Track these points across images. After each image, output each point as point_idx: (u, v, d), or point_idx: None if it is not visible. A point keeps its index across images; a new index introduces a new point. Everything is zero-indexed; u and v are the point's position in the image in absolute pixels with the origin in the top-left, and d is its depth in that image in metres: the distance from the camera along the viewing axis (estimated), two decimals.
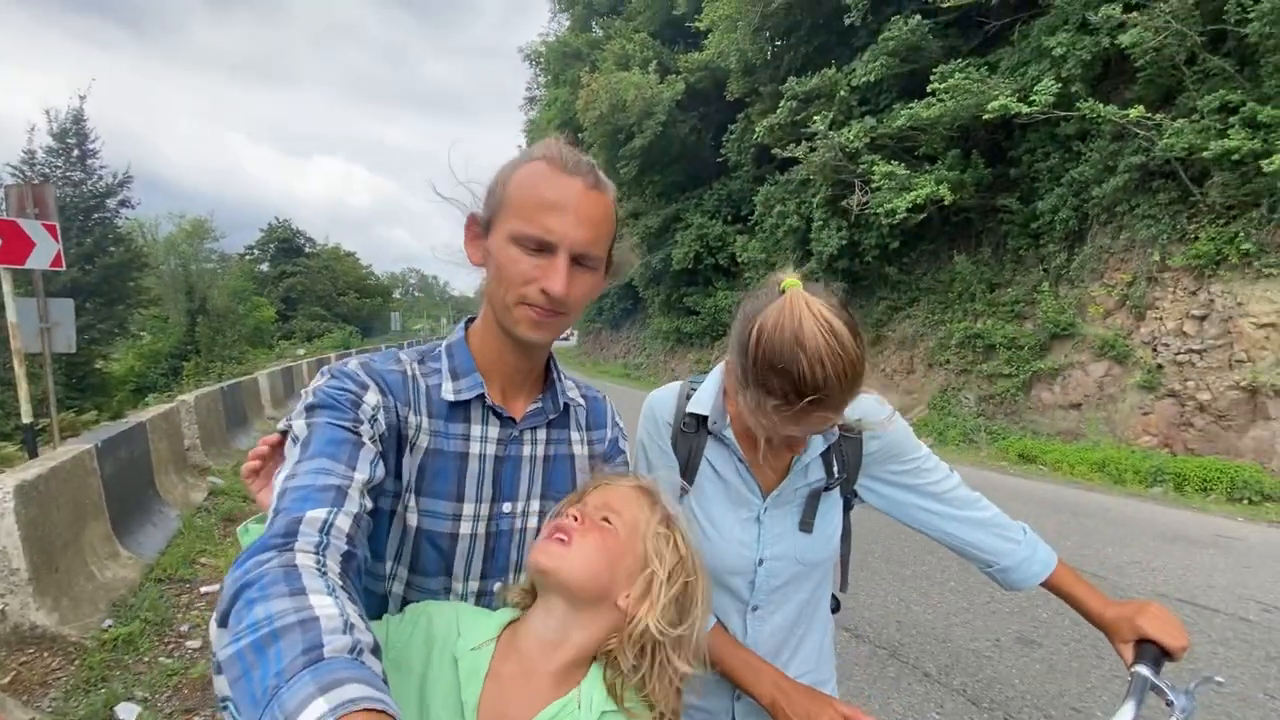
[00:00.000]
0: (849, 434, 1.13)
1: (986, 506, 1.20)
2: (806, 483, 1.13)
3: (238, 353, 24.40)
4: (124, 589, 3.80)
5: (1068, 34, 9.29)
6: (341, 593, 0.58)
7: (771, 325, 0.87)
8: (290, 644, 0.49)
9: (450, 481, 0.89)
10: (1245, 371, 7.66)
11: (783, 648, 1.17)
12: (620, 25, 23.86)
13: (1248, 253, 7.76)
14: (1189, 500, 7.10)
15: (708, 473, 1.14)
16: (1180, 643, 1.02)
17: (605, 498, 0.86)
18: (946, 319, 11.89)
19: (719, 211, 18.88)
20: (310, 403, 0.80)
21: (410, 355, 0.95)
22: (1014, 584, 1.18)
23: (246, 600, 0.54)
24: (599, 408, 1.08)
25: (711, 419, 1.12)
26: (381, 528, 0.86)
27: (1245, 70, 8.03)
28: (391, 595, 0.89)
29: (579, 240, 0.84)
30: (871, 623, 3.82)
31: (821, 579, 1.19)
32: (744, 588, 1.13)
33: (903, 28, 11.19)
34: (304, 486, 0.69)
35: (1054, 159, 10.23)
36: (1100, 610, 1.09)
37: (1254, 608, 4.10)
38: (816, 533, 1.13)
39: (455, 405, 0.91)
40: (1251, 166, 7.43)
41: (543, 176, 0.85)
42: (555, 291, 0.83)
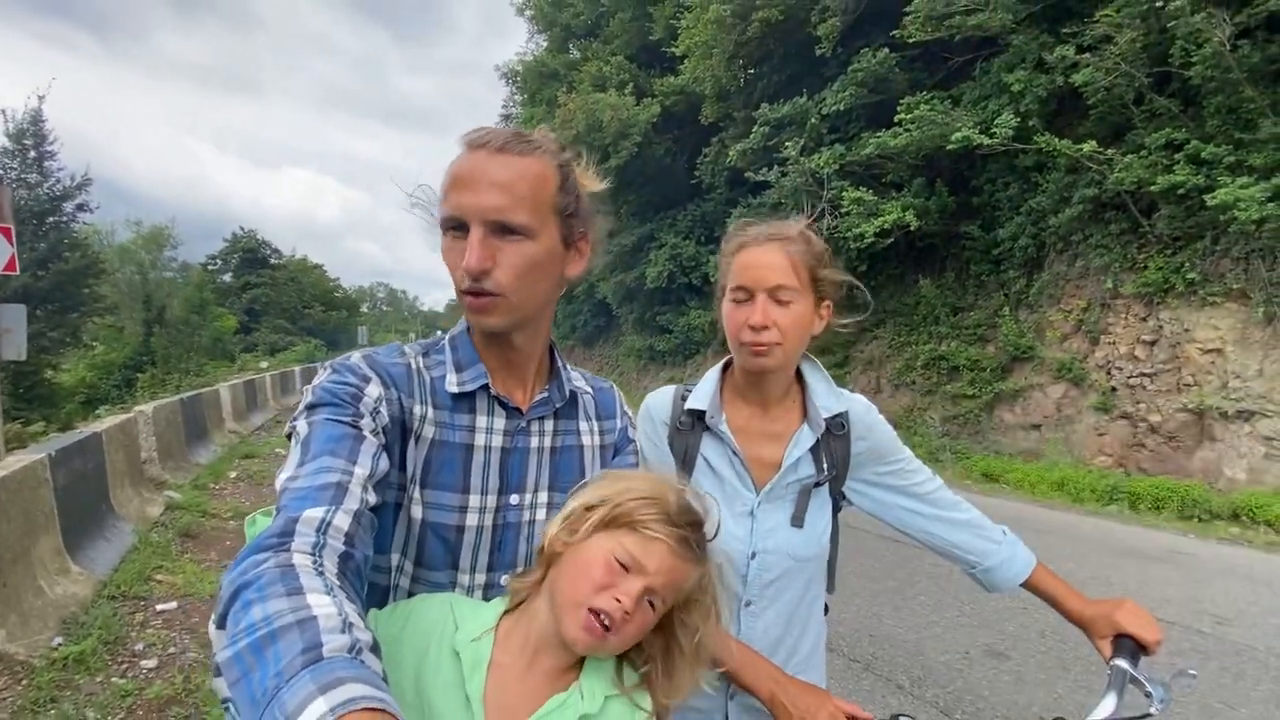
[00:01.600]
0: (836, 433, 1.17)
1: (968, 509, 1.25)
2: (798, 478, 1.17)
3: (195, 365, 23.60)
4: (75, 606, 3.63)
5: (1025, 72, 9.77)
6: (339, 592, 0.58)
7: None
8: (289, 644, 0.49)
9: (456, 473, 0.88)
10: (1192, 395, 8.03)
11: (778, 647, 1.18)
12: (597, 48, 24.18)
13: (1193, 282, 8.19)
14: (1143, 518, 7.38)
15: (703, 468, 1.17)
16: (1155, 636, 1.07)
17: (663, 575, 0.77)
18: (912, 341, 12.21)
19: (693, 232, 19.12)
20: (310, 401, 0.79)
21: (414, 349, 0.94)
22: (996, 584, 1.23)
23: (244, 602, 0.54)
24: (608, 398, 1.07)
25: (709, 414, 1.16)
26: (386, 520, 0.85)
27: (1189, 110, 8.55)
28: (397, 589, 0.88)
29: (488, 207, 0.80)
30: (845, 636, 3.86)
31: (813, 579, 1.21)
32: (737, 582, 1.16)
33: (871, 60, 11.62)
34: (303, 487, 0.68)
35: (1014, 189, 10.69)
36: (1079, 609, 1.15)
37: (1208, 620, 4.26)
38: (807, 528, 1.16)
39: (460, 396, 0.90)
40: (1196, 200, 7.87)
41: (456, 160, 0.84)
42: (469, 266, 0.80)
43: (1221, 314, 8.01)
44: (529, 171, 0.83)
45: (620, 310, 22.74)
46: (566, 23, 27.03)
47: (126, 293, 31.17)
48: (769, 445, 1.18)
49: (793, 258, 1.08)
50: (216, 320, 35.46)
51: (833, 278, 1.15)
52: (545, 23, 28.81)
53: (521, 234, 0.82)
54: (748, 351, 1.10)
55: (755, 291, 1.08)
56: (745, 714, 1.18)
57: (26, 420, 11.75)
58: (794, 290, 1.08)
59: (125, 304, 29.70)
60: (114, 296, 27.19)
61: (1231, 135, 7.83)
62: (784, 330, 1.07)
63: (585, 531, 0.79)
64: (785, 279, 1.07)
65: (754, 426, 1.19)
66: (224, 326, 35.92)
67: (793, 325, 1.08)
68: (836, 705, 0.98)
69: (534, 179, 0.83)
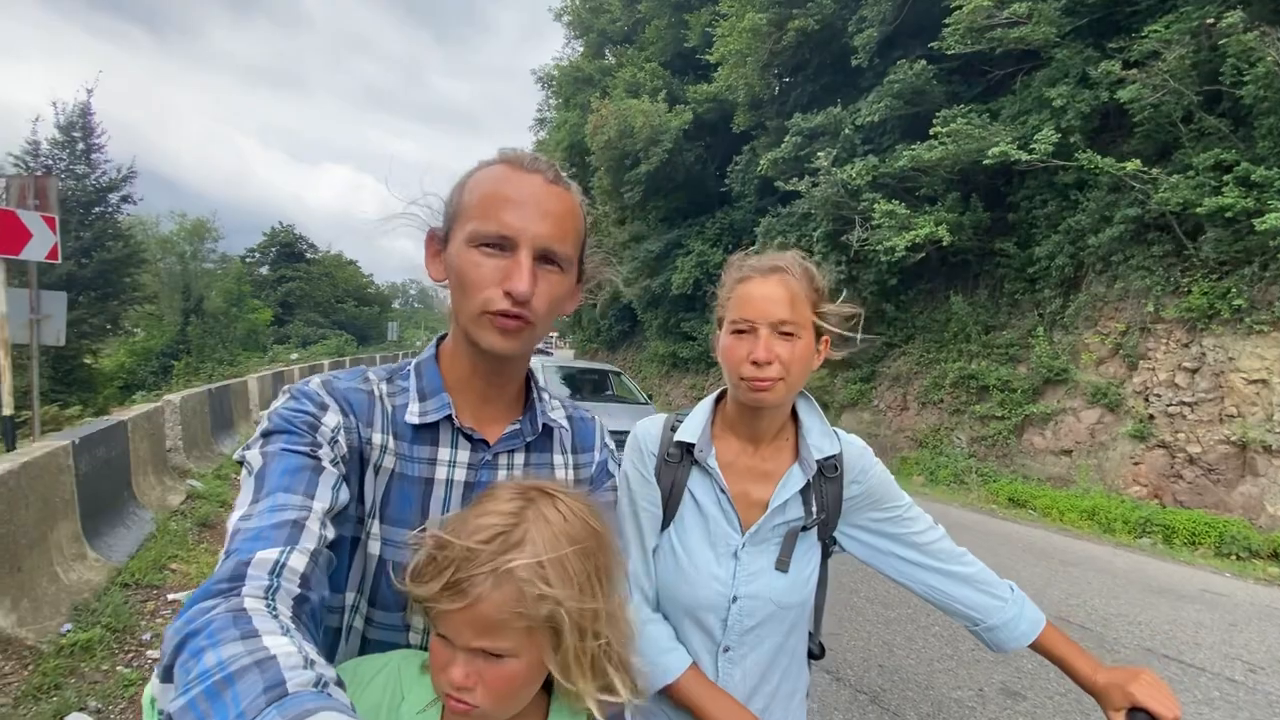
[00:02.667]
0: (829, 475, 1.12)
1: (972, 562, 1.17)
2: (785, 520, 1.12)
3: (229, 355, 24.24)
4: (88, 593, 3.69)
5: (1068, 86, 9.50)
6: (296, 633, 0.55)
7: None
8: (248, 685, 0.46)
9: (414, 508, 0.84)
10: (1235, 426, 7.68)
11: (755, 694, 1.13)
12: (632, 54, 24.29)
13: (1239, 308, 7.84)
14: (1177, 553, 7.06)
15: (689, 504, 1.13)
16: (1174, 713, 0.98)
17: (468, 634, 0.67)
18: (941, 358, 11.93)
19: (720, 240, 19.03)
20: (266, 428, 0.76)
21: (378, 374, 0.90)
22: (1000, 644, 1.14)
23: (193, 650, 0.51)
24: (586, 429, 1.03)
25: (698, 447, 1.12)
26: (343, 556, 0.81)
27: (1240, 130, 8.20)
28: (351, 630, 0.84)
29: (541, 234, 0.80)
30: (853, 665, 3.73)
31: (795, 626, 1.16)
32: (716, 626, 1.11)
33: (908, 71, 11.42)
34: (256, 527, 0.65)
35: (1051, 206, 10.38)
36: (1090, 675, 1.06)
37: (1240, 668, 4.04)
38: (793, 573, 1.11)
39: (421, 428, 0.86)
40: (1244, 224, 7.55)
41: (500, 176, 0.82)
42: (520, 291, 0.77)
43: (1269, 343, 7.65)
44: (573, 208, 0.85)
45: (645, 315, 22.74)
46: (603, 28, 27.23)
47: (167, 282, 32.21)
48: (758, 484, 1.13)
49: (796, 291, 1.05)
50: (253, 312, 36.41)
51: (834, 313, 1.10)
52: (582, 28, 29.07)
53: (559, 267, 0.83)
54: (747, 387, 1.05)
55: (758, 325, 1.04)
56: None
57: (64, 403, 12.15)
58: (797, 325, 1.04)
59: (165, 293, 30.68)
60: (154, 286, 28.11)
61: None
62: (787, 365, 1.04)
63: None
64: (789, 313, 1.04)
65: (743, 463, 1.14)
66: (259, 319, 36.85)
67: (795, 360, 1.04)
68: None
69: (575, 216, 0.85)
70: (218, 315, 28.89)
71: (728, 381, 1.12)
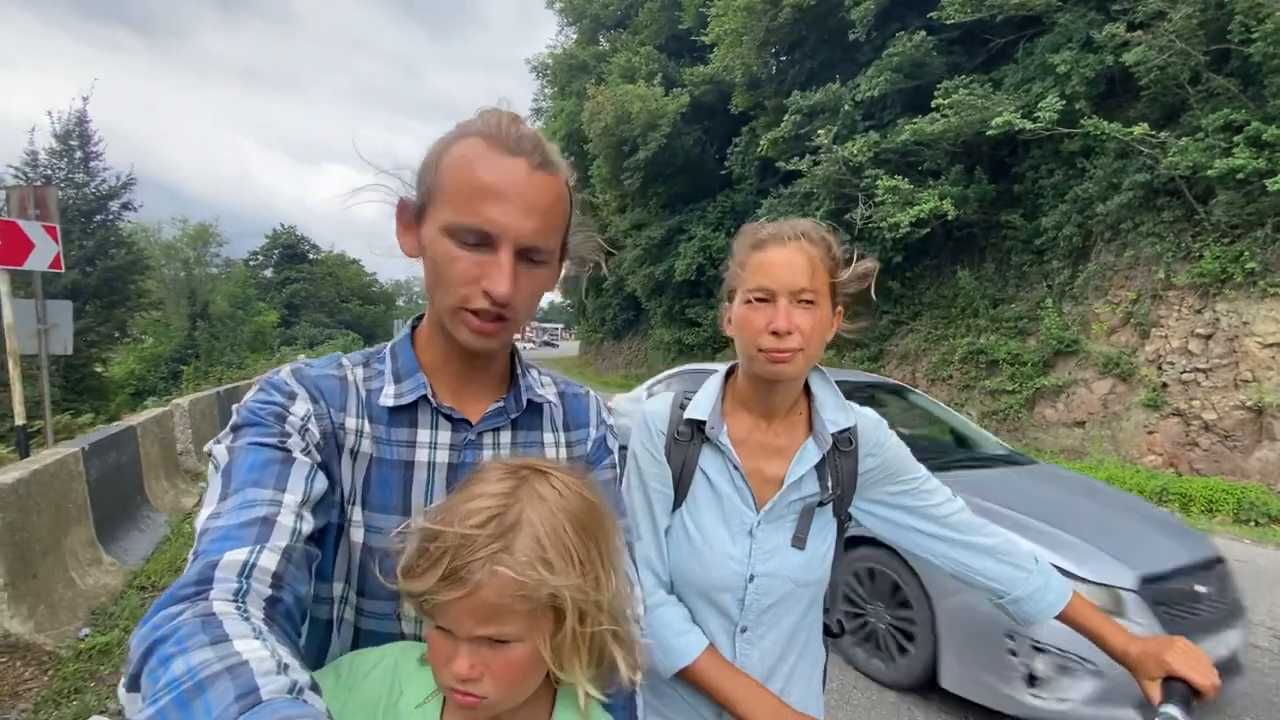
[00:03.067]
0: (843, 449, 1.09)
1: (994, 533, 1.14)
2: (800, 496, 1.09)
3: (237, 358, 24.38)
4: (105, 597, 3.72)
5: (1071, 52, 9.31)
6: (269, 636, 0.53)
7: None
8: (219, 693, 0.44)
9: (395, 493, 0.81)
10: (1251, 391, 7.58)
11: (773, 675, 1.11)
12: (626, 38, 24.03)
13: (1253, 272, 7.71)
14: (1195, 522, 6.99)
15: (702, 483, 1.10)
16: (1211, 680, 0.94)
17: (468, 624, 0.64)
18: (949, 334, 11.83)
19: (722, 224, 18.88)
20: (234, 422, 0.74)
21: (354, 359, 0.87)
22: (1027, 616, 1.11)
23: (160, 658, 0.48)
24: (579, 405, 0.98)
25: (709, 424, 1.09)
26: (328, 546, 0.78)
27: (1249, 90, 8.02)
28: (342, 622, 0.81)
29: (525, 232, 0.74)
30: None
31: (813, 603, 1.14)
32: (733, 606, 1.08)
33: (907, 44, 11.22)
34: (224, 526, 0.62)
35: (1058, 176, 10.22)
36: (1124, 646, 1.02)
37: (1263, 634, 4.00)
38: (809, 549, 1.08)
39: (398, 410, 0.83)
40: (1256, 185, 7.40)
41: (479, 156, 0.74)
42: (499, 294, 0.73)
43: None
44: (558, 195, 0.79)
45: (649, 303, 22.63)
46: (596, 14, 26.93)
47: (172, 288, 32.39)
48: (771, 460, 1.10)
49: (815, 258, 1.01)
50: (259, 315, 36.57)
51: (852, 275, 1.07)
52: (575, 15, 28.76)
53: (544, 261, 0.79)
54: (766, 358, 1.01)
55: (778, 294, 1.00)
56: None
57: (76, 411, 12.26)
58: (817, 293, 1.01)
59: (171, 299, 30.86)
60: (159, 292, 28.26)
61: None
62: (807, 336, 1.00)
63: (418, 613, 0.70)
64: (809, 281, 1.00)
65: (756, 439, 1.11)
66: (266, 321, 37.02)
67: (815, 330, 1.01)
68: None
69: (560, 204, 0.79)
70: (224, 319, 29.01)
71: (742, 354, 1.08)
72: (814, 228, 1.05)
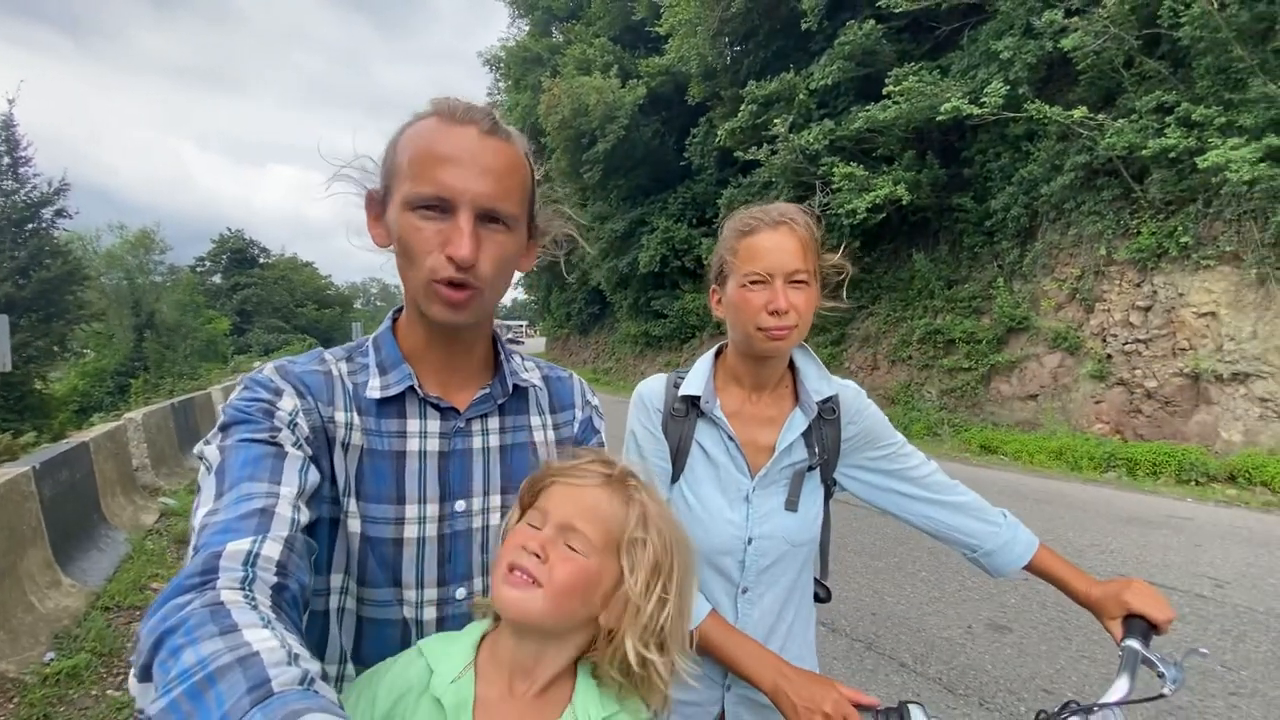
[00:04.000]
0: (827, 417, 1.16)
1: (965, 492, 1.22)
2: (791, 462, 1.16)
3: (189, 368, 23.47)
4: (67, 619, 3.58)
5: (1013, 38, 9.62)
6: (278, 625, 0.53)
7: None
8: (231, 685, 0.45)
9: (388, 483, 0.82)
10: (1188, 359, 8.02)
11: (773, 633, 1.18)
12: (580, 30, 23.82)
13: (1186, 245, 8.14)
14: (1141, 484, 7.39)
15: (699, 455, 1.16)
16: (1166, 615, 1.03)
17: (569, 509, 0.73)
18: (907, 316, 12.17)
19: (684, 215, 18.97)
20: (223, 421, 0.74)
21: (335, 354, 0.87)
22: (998, 568, 1.19)
23: (171, 648, 0.49)
24: (564, 387, 1.00)
25: (703, 399, 1.15)
26: (324, 538, 0.79)
27: (1179, 72, 8.44)
28: (343, 611, 0.82)
29: (481, 193, 0.75)
30: (847, 616, 3.84)
31: (805, 563, 1.21)
32: (734, 568, 1.15)
33: (857, 32, 11.43)
34: (223, 520, 0.62)
35: (1005, 159, 10.58)
36: (1086, 590, 1.11)
37: (1207, 584, 4.27)
38: (801, 512, 1.16)
39: (385, 401, 0.83)
40: (1187, 163, 7.80)
41: (432, 130, 0.77)
42: (461, 255, 0.74)
43: (1215, 277, 7.97)
44: (514, 160, 0.80)
45: (614, 297, 22.63)
46: (548, 5, 26.63)
47: (114, 299, 30.89)
48: (763, 430, 1.17)
49: (804, 240, 1.09)
50: (209, 323, 35.24)
51: (829, 261, 1.15)
52: (526, 6, 28.38)
53: (505, 225, 0.79)
54: (765, 336, 1.08)
55: (774, 276, 1.06)
56: (742, 705, 1.17)
57: (17, 431, 11.66)
58: (808, 273, 1.08)
59: (114, 310, 29.44)
60: (101, 303, 26.95)
61: (1222, 96, 7.74)
62: (802, 313, 1.08)
63: (512, 528, 0.77)
64: (801, 262, 1.07)
65: (748, 411, 1.18)
66: (217, 329, 35.71)
67: (807, 308, 1.09)
68: (841, 693, 0.95)
69: (519, 168, 0.80)
70: (173, 329, 27.88)
71: (738, 333, 1.13)
72: (799, 211, 1.12)
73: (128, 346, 26.55)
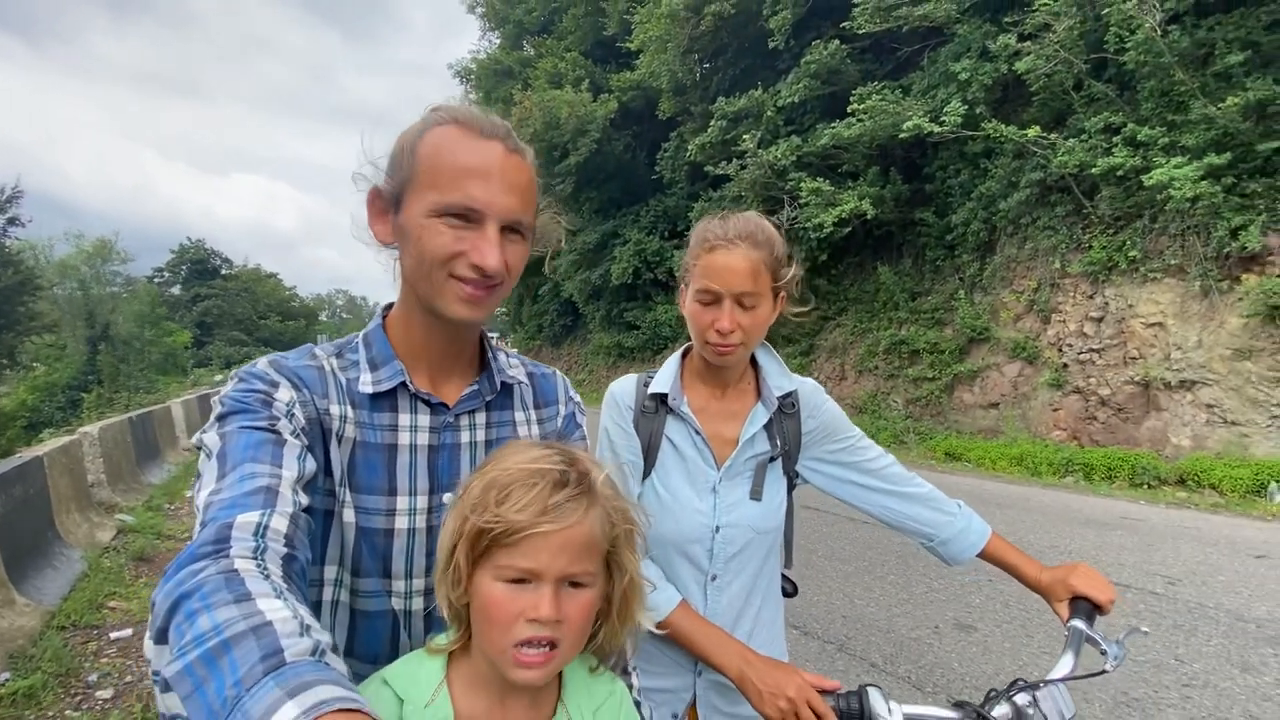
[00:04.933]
0: (787, 411, 1.22)
1: (921, 483, 1.29)
2: (754, 454, 1.22)
3: (145, 381, 22.69)
4: (22, 639, 3.44)
5: (970, 60, 10.03)
6: (289, 595, 0.55)
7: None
8: (245, 652, 0.46)
9: (381, 474, 0.84)
10: (1138, 368, 8.38)
11: (741, 619, 1.22)
12: (551, 44, 23.99)
13: (1134, 259, 8.53)
14: (1097, 488, 7.67)
15: (668, 449, 1.22)
16: (1109, 596, 1.11)
17: (563, 559, 0.66)
18: (873, 327, 12.46)
19: (656, 227, 19.15)
20: (220, 411, 0.75)
21: (327, 350, 0.89)
22: (953, 556, 1.26)
23: (187, 612, 0.50)
24: (548, 384, 1.04)
25: (671, 396, 1.21)
26: (319, 529, 0.81)
27: (1125, 94, 8.89)
28: (337, 604, 0.84)
29: (508, 208, 0.80)
30: (819, 619, 3.91)
31: (770, 551, 1.26)
32: (703, 556, 1.20)
33: (823, 52, 11.78)
34: (230, 496, 0.64)
35: (964, 175, 10.97)
36: (1036, 575, 1.18)
37: (1160, 581, 4.46)
38: (765, 500, 1.21)
39: (377, 396, 0.86)
40: (1134, 181, 8.20)
41: (458, 141, 0.79)
42: (490, 266, 0.78)
43: (1162, 289, 8.36)
44: (530, 176, 0.84)
45: (587, 308, 22.66)
46: (519, 19, 26.73)
47: (67, 310, 29.74)
48: (728, 423, 1.23)
49: (758, 263, 1.12)
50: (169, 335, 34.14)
51: (792, 277, 1.19)
52: (497, 20, 28.44)
53: (521, 235, 0.84)
54: (712, 350, 1.15)
55: (722, 295, 1.11)
56: (713, 691, 1.21)
57: None
58: (757, 295, 1.12)
59: (66, 321, 28.35)
60: (53, 314, 25.95)
61: (1165, 117, 8.17)
62: (747, 332, 1.12)
63: (464, 579, 0.68)
64: (751, 285, 1.11)
65: (713, 407, 1.24)
66: (177, 341, 34.60)
67: (755, 326, 1.13)
68: (804, 679, 0.99)
69: (533, 183, 0.85)
70: (128, 341, 26.94)
71: (695, 342, 1.20)
72: (760, 228, 1.16)
73: (80, 359, 25.56)
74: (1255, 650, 3.44)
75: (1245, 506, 6.54)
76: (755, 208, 13.16)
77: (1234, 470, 6.99)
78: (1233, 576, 4.54)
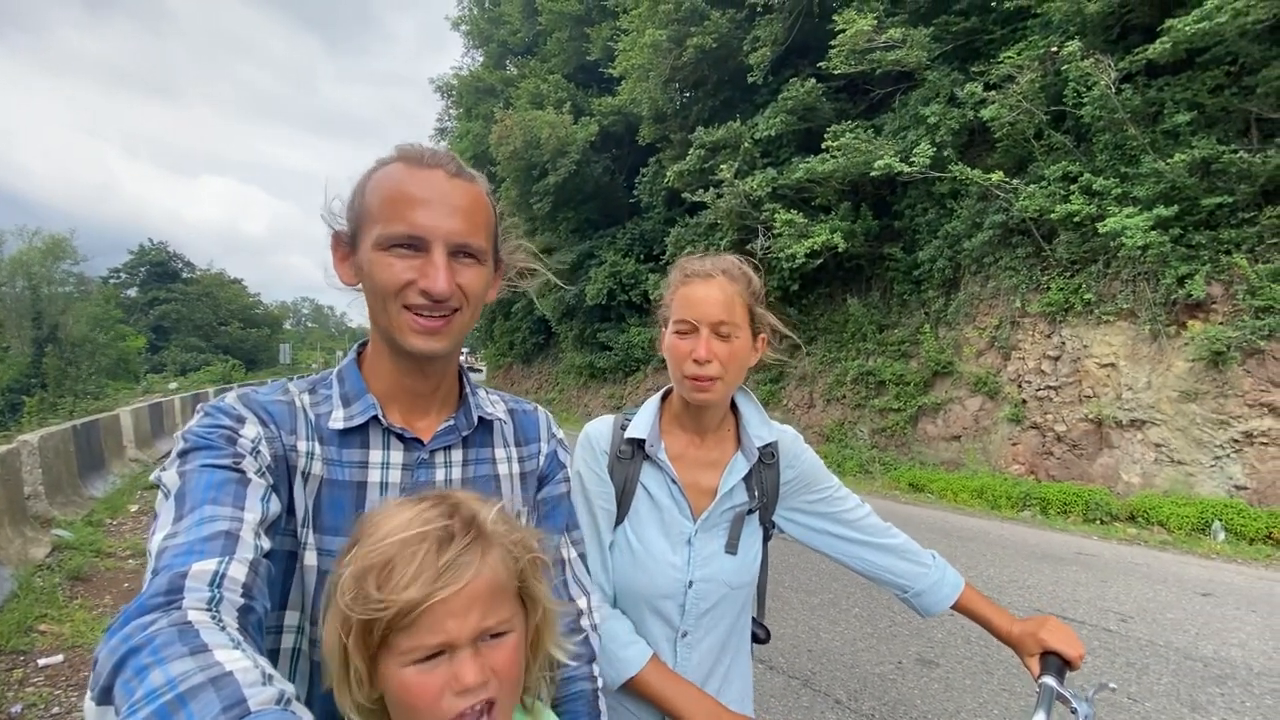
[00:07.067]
0: (767, 462, 1.21)
1: (897, 534, 1.29)
2: (732, 505, 1.19)
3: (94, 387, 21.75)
4: None
5: (939, 105, 10.44)
6: (247, 646, 0.52)
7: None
8: (204, 705, 0.44)
9: (348, 515, 0.81)
10: (1091, 406, 8.68)
11: (711, 675, 1.19)
12: (535, 65, 24.21)
13: (1089, 301, 8.89)
14: (1053, 522, 7.86)
15: (643, 498, 1.18)
16: (1078, 652, 1.12)
17: (473, 618, 0.62)
18: (842, 357, 12.68)
19: (632, 250, 19.27)
20: (182, 448, 0.73)
21: (299, 385, 0.88)
22: (927, 608, 1.26)
23: (136, 668, 0.47)
24: (529, 420, 1.02)
25: (648, 442, 1.17)
26: (279, 571, 0.77)
27: (1082, 145, 9.34)
28: (298, 653, 0.79)
29: (453, 230, 0.80)
30: (785, 653, 3.89)
31: (743, 607, 1.23)
32: (674, 612, 1.16)
33: (800, 89, 12.13)
34: (186, 542, 0.61)
35: (931, 214, 11.34)
36: (1007, 628, 1.19)
37: (1113, 618, 4.56)
38: (740, 554, 1.19)
39: (348, 432, 0.84)
40: (1089, 228, 8.57)
41: (401, 174, 0.80)
42: (437, 290, 0.78)
43: (1114, 331, 8.72)
44: (479, 199, 0.84)
45: (560, 327, 22.59)
46: (503, 39, 26.98)
47: (13, 309, 28.45)
48: (705, 473, 1.20)
49: (734, 295, 1.13)
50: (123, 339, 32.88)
51: (767, 319, 1.20)
52: (481, 38, 28.67)
53: (475, 259, 0.83)
54: (690, 385, 1.12)
55: (699, 326, 1.11)
56: None
57: None
58: (735, 326, 1.12)
59: (12, 321, 27.11)
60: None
61: (1118, 169, 8.60)
62: (725, 363, 1.11)
63: (366, 676, 0.63)
64: (727, 315, 1.11)
65: (691, 455, 1.21)
66: (131, 346, 33.32)
67: (733, 359, 1.12)
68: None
69: (483, 206, 0.85)
70: (80, 344, 25.85)
71: (674, 379, 1.18)
72: (735, 265, 1.17)
73: (24, 361, 24.41)
74: (1203, 690, 3.53)
75: (1191, 544, 6.77)
76: (730, 235, 13.47)
77: (1180, 508, 7.24)
78: (1180, 614, 4.68)
